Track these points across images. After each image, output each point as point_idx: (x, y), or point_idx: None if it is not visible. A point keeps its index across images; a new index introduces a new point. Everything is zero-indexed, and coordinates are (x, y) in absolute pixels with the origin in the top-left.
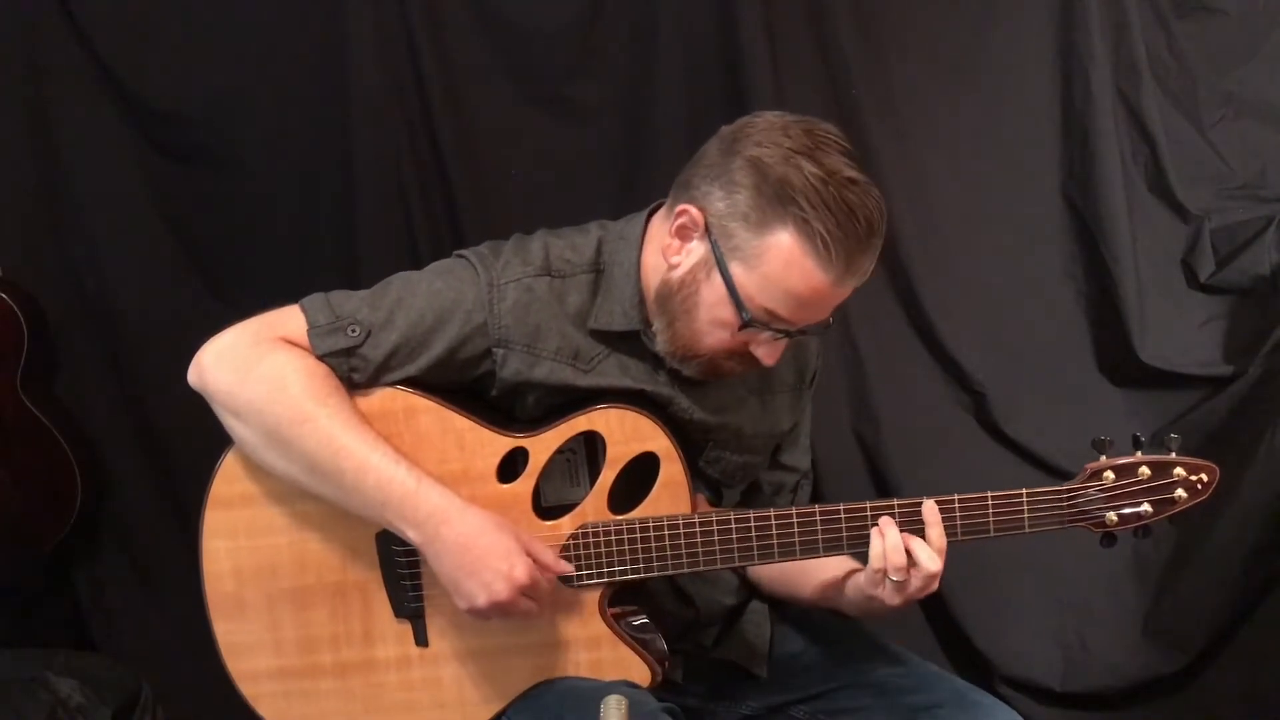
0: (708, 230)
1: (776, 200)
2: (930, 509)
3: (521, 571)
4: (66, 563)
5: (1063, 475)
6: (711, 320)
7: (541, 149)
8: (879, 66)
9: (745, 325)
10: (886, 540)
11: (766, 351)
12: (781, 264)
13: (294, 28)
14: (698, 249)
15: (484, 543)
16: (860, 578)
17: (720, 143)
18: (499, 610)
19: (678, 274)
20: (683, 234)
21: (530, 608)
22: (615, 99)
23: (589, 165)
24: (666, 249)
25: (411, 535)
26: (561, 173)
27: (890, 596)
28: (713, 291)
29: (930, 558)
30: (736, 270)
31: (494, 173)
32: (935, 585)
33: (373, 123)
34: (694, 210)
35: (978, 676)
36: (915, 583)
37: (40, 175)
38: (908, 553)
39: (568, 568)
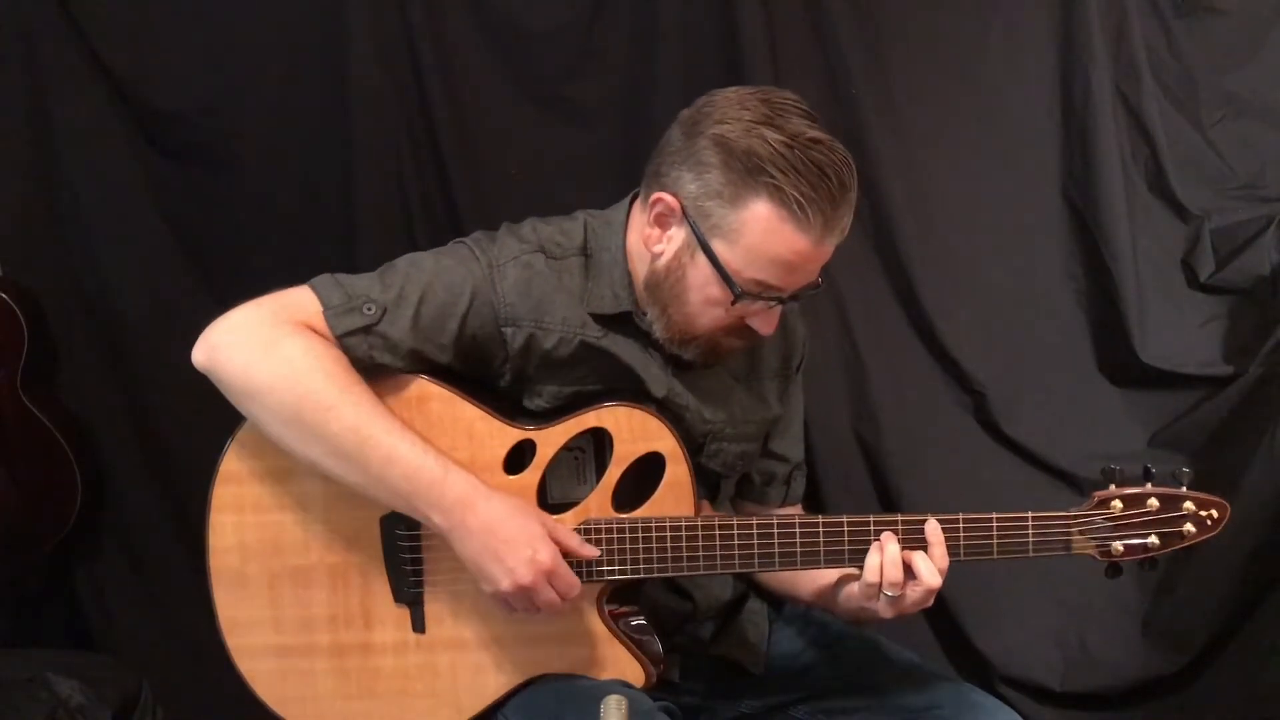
0: (685, 214)
1: (746, 172)
2: (933, 528)
3: (545, 555)
4: (66, 563)
5: (1063, 476)
6: (703, 300)
7: (541, 149)
8: (879, 66)
9: (737, 299)
10: (885, 555)
11: (762, 321)
12: (762, 233)
13: (294, 28)
14: (678, 234)
15: (509, 527)
16: (854, 588)
17: (682, 126)
18: (523, 595)
19: (662, 261)
20: (661, 222)
21: (554, 599)
22: (615, 99)
23: (589, 165)
24: (648, 238)
25: (437, 520)
26: (561, 173)
27: (884, 610)
28: (699, 273)
29: (931, 572)
30: (719, 247)
31: (494, 173)
32: (931, 601)
33: (373, 123)
34: (668, 197)
35: (978, 676)
36: (911, 596)
37: (40, 175)
38: (908, 567)
39: (594, 552)
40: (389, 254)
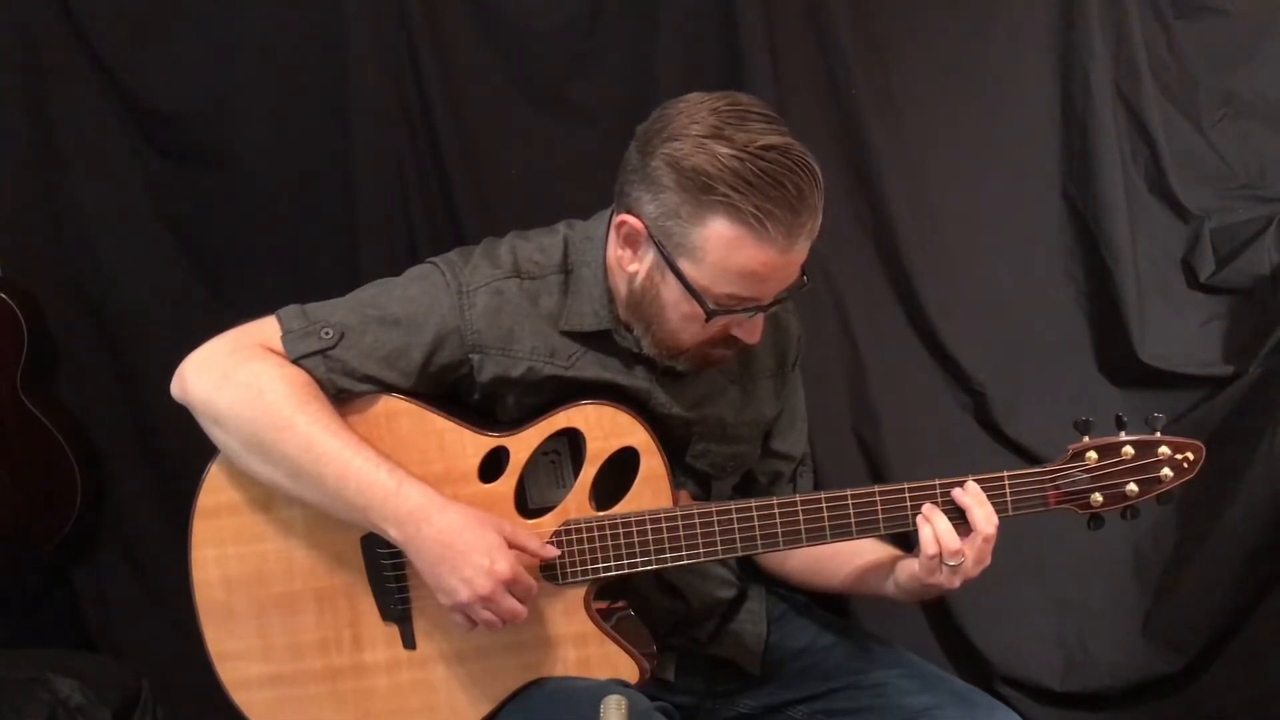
0: (649, 235)
1: (699, 191)
2: (973, 488)
3: (503, 565)
4: (66, 563)
5: None
6: (681, 317)
7: (541, 149)
8: (879, 66)
9: (710, 315)
10: (937, 525)
11: (746, 331)
12: (725, 251)
13: (294, 28)
14: (647, 255)
15: (465, 538)
16: (914, 565)
17: (637, 144)
18: (482, 606)
19: (638, 282)
20: (630, 243)
21: (516, 608)
22: (615, 99)
23: (589, 165)
24: (620, 259)
25: (393, 534)
26: (561, 173)
27: (948, 580)
28: (671, 291)
29: (988, 519)
30: (686, 266)
31: (494, 173)
32: (989, 557)
33: (373, 123)
34: (632, 219)
35: (978, 676)
36: (972, 555)
37: (40, 175)
38: (965, 512)
39: (554, 552)
40: (390, 253)
